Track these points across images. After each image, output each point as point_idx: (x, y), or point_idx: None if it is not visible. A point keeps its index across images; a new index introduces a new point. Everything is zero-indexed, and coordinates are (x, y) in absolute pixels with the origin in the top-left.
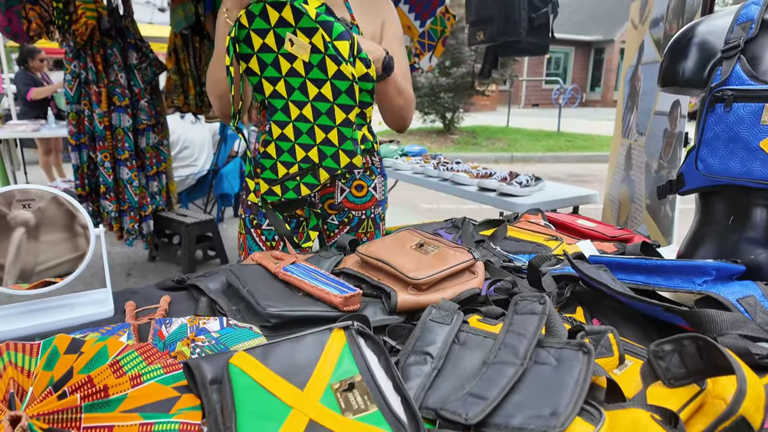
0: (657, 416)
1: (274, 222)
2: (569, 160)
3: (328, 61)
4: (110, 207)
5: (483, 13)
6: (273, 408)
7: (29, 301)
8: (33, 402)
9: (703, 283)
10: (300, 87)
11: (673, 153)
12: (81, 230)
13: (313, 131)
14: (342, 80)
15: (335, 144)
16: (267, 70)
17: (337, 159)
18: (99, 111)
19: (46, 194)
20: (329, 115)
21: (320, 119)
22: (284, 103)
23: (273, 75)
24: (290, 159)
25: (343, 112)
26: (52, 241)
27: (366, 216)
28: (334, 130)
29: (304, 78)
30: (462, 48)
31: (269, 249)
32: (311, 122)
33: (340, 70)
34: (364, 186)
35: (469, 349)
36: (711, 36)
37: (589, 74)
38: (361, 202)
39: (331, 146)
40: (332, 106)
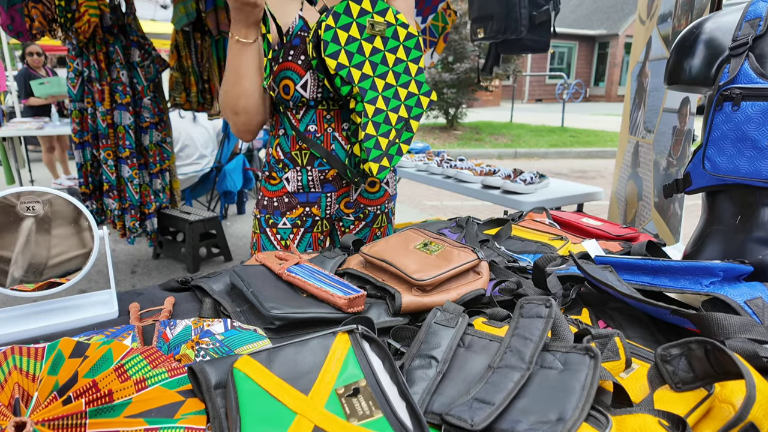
0: (664, 421)
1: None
2: (573, 155)
3: (399, 29)
4: (113, 205)
5: (484, 11)
6: (278, 414)
7: (33, 303)
8: (38, 407)
9: (711, 284)
10: (381, 60)
11: (682, 151)
12: (87, 225)
13: (397, 93)
14: (409, 39)
15: (416, 92)
16: (354, 58)
17: (420, 104)
18: (102, 109)
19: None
20: (406, 72)
21: (401, 79)
22: (371, 81)
23: (359, 60)
24: (387, 127)
25: (415, 64)
26: (62, 235)
27: (381, 211)
28: (412, 82)
29: (383, 51)
30: (465, 43)
31: (284, 248)
32: (395, 85)
33: (409, 33)
34: (377, 182)
35: (475, 353)
36: (719, 33)
37: (593, 69)
38: (375, 198)
39: (412, 96)
40: (407, 64)
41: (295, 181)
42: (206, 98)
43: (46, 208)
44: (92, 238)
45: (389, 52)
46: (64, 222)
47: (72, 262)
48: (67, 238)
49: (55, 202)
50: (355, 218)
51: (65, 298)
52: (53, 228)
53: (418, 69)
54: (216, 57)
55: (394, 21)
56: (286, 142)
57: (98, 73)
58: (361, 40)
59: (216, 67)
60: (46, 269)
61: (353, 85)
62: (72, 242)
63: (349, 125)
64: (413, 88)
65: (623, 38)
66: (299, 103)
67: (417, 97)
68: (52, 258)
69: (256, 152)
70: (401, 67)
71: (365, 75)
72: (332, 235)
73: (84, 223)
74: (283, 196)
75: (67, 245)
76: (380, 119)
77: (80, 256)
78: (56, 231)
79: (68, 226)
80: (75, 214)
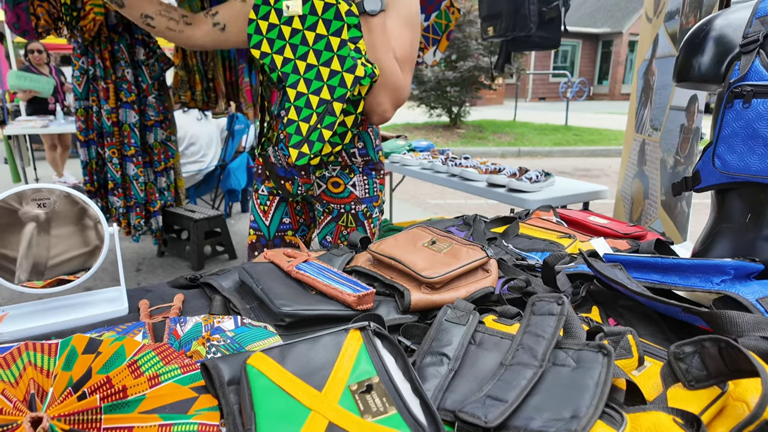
0: (679, 419)
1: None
2: (577, 154)
3: (316, 2)
4: (118, 203)
5: (494, 9)
6: (292, 410)
7: (44, 300)
8: (53, 403)
9: (721, 283)
10: (301, 41)
11: (690, 149)
12: (91, 223)
13: (319, 73)
14: (328, 10)
15: (339, 69)
16: (275, 44)
17: (343, 83)
18: (107, 107)
19: (58, 191)
20: (328, 48)
21: (322, 57)
22: (292, 64)
23: (280, 45)
24: (309, 111)
25: (337, 36)
26: (62, 235)
27: (345, 210)
28: (335, 59)
29: (302, 30)
30: (469, 42)
31: (262, 212)
32: (316, 65)
33: (327, 3)
34: (341, 183)
35: (486, 350)
36: (729, 30)
37: (596, 67)
38: (338, 197)
39: (335, 75)
40: (327, 39)
41: (273, 156)
42: (211, 97)
43: (57, 205)
44: (96, 236)
45: (308, 30)
46: (72, 220)
47: (77, 260)
48: (73, 236)
49: (65, 200)
50: (323, 210)
51: (75, 295)
52: (61, 226)
53: (340, 42)
54: (220, 56)
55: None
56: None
57: (103, 72)
58: (280, 24)
59: (220, 66)
60: (54, 267)
61: (278, 72)
62: (77, 240)
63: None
64: (336, 65)
65: (627, 36)
66: (274, 86)
67: (340, 75)
68: (58, 256)
69: None
70: (322, 44)
71: (287, 59)
72: (311, 208)
73: (89, 222)
74: (265, 165)
75: (72, 243)
76: (301, 103)
77: (84, 255)
78: (63, 229)
79: (75, 224)
80: (81, 212)
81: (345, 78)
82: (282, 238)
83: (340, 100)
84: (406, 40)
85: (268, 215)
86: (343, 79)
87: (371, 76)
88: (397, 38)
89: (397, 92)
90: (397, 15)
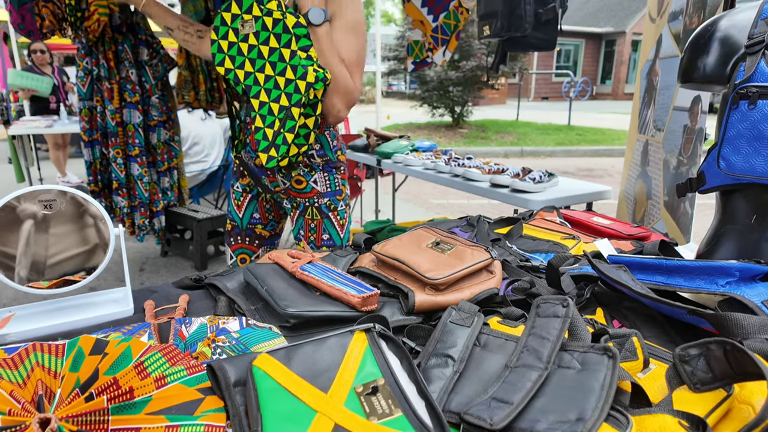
0: (684, 422)
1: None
2: (580, 154)
3: (266, 19)
4: (122, 203)
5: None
6: (298, 411)
7: (50, 300)
8: (61, 404)
9: (726, 284)
10: (258, 55)
11: (693, 150)
12: (90, 222)
13: (276, 82)
14: (276, 25)
15: (293, 78)
16: (236, 60)
17: (297, 90)
18: (111, 107)
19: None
20: (281, 59)
21: (277, 68)
22: (253, 77)
23: (240, 61)
24: (272, 118)
25: (287, 48)
26: (60, 233)
27: (309, 203)
28: (288, 68)
29: (258, 45)
30: (471, 41)
31: (236, 206)
32: (273, 75)
33: (275, 19)
34: (303, 180)
35: (491, 352)
36: (734, 31)
37: (599, 67)
38: (302, 192)
39: (290, 83)
40: (279, 51)
41: (245, 156)
42: (215, 96)
43: (63, 206)
44: (96, 234)
45: (262, 45)
46: (71, 219)
47: (76, 258)
48: (72, 235)
49: (70, 201)
50: (291, 205)
51: (80, 296)
52: (59, 225)
53: (291, 53)
54: None
55: (260, 12)
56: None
57: (107, 72)
58: (238, 42)
59: None
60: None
61: (241, 85)
62: (76, 238)
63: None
64: (289, 74)
65: (630, 36)
66: (239, 97)
67: (294, 83)
68: (57, 254)
69: None
70: (276, 56)
71: (248, 73)
72: (279, 206)
73: (89, 220)
74: (240, 163)
75: (71, 241)
76: (264, 111)
77: (83, 253)
78: (61, 228)
79: (74, 222)
80: (81, 211)
81: (299, 85)
82: (253, 230)
83: (297, 105)
84: (352, 46)
85: (241, 209)
86: (297, 86)
87: (323, 80)
88: (343, 45)
89: (349, 95)
90: (342, 23)
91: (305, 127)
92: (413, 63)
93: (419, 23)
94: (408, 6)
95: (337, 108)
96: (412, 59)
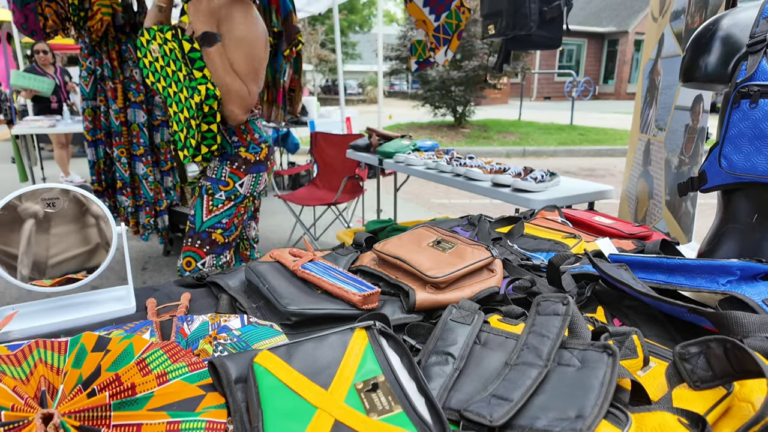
0: (684, 420)
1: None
2: (582, 153)
3: (166, 47)
4: (126, 202)
5: (494, 7)
6: (298, 408)
7: (53, 298)
8: (64, 400)
9: (727, 283)
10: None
11: (694, 149)
12: (92, 221)
13: (179, 97)
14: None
15: (188, 96)
16: (155, 75)
17: (191, 106)
18: (115, 107)
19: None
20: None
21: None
22: (166, 90)
23: (158, 76)
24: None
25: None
26: (61, 233)
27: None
28: (185, 88)
29: (165, 66)
30: (473, 41)
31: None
32: (177, 91)
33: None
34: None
35: (491, 350)
36: (736, 30)
37: (602, 66)
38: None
39: (187, 100)
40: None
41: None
42: None
43: (66, 205)
44: (98, 234)
45: (167, 66)
46: (72, 219)
47: (77, 258)
48: (73, 234)
49: (73, 200)
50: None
51: (83, 294)
52: (60, 225)
53: (185, 75)
54: None
55: (161, 41)
56: None
57: (111, 72)
58: (153, 62)
59: None
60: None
61: (161, 94)
62: (77, 238)
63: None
64: (186, 93)
65: (633, 35)
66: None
67: (189, 101)
68: (58, 255)
69: None
70: (176, 77)
71: (163, 87)
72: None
73: (90, 220)
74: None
75: (72, 241)
76: (176, 119)
77: (84, 253)
78: (62, 228)
79: (75, 222)
80: (83, 210)
81: (192, 102)
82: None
83: (194, 118)
84: (242, 58)
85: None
86: (191, 104)
87: (214, 96)
88: (235, 59)
89: (244, 101)
90: (232, 40)
91: (210, 131)
92: (416, 63)
93: (421, 23)
94: (410, 6)
95: (235, 113)
96: (415, 59)
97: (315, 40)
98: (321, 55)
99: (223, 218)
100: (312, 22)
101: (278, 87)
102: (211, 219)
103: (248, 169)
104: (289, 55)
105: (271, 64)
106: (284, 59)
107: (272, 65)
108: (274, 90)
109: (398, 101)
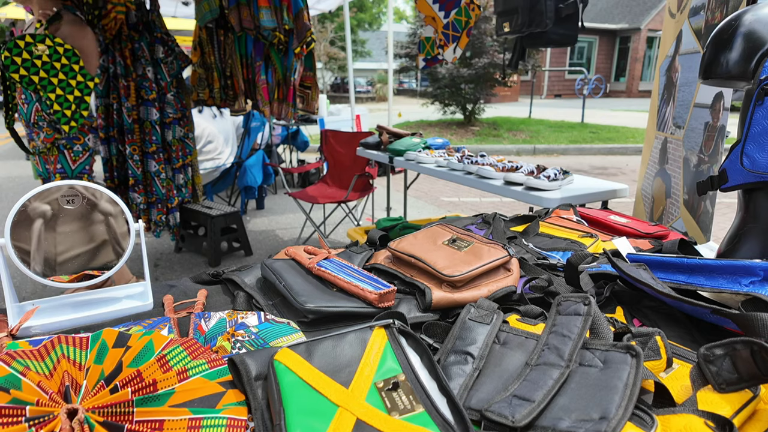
0: (710, 423)
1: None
2: (593, 152)
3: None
4: (139, 199)
5: (509, 4)
6: (320, 406)
7: (71, 294)
8: (87, 395)
9: (750, 284)
10: (51, 67)
11: (714, 147)
12: (100, 218)
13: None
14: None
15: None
16: (30, 70)
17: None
18: (128, 104)
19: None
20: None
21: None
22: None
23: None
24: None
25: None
26: (67, 232)
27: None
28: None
29: (50, 62)
30: (484, 38)
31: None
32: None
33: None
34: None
35: (511, 350)
36: (759, 26)
37: (613, 64)
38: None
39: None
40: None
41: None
42: (229, 94)
43: (84, 201)
44: (107, 231)
45: (55, 62)
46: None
47: (83, 257)
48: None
49: (91, 197)
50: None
51: (100, 290)
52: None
53: (66, 68)
54: (238, 53)
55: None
56: None
57: (124, 70)
58: (32, 59)
59: (238, 64)
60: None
61: (35, 85)
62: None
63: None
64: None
65: (645, 32)
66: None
67: (73, 86)
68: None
69: (275, 147)
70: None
71: (41, 78)
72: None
73: (98, 217)
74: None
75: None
76: (61, 100)
77: (89, 251)
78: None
79: (82, 220)
80: (92, 208)
81: (75, 85)
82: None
83: (68, 109)
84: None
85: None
86: (72, 87)
87: (91, 79)
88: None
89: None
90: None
91: (85, 102)
92: (425, 60)
93: (431, 19)
94: (420, 2)
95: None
96: (423, 56)
97: (324, 37)
98: (330, 53)
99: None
100: (321, 19)
101: (289, 85)
102: (79, 167)
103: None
104: (300, 52)
105: (282, 62)
106: (295, 57)
107: (283, 63)
108: (285, 88)
109: (407, 99)
